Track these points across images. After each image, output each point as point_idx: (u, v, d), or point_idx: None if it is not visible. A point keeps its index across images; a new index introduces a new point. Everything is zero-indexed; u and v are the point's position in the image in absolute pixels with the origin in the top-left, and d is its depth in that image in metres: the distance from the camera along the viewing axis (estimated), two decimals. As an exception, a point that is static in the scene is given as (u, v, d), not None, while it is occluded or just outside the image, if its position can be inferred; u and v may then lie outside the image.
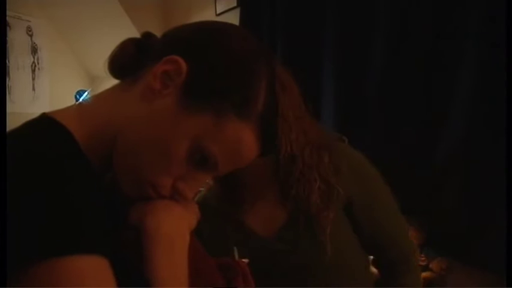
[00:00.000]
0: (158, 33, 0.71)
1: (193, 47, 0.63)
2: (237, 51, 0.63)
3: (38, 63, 2.98)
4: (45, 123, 0.60)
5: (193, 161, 0.62)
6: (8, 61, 2.74)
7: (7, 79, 2.71)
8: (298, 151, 1.06)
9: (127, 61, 0.66)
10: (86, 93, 3.00)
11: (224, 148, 0.62)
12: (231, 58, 0.62)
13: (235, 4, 2.57)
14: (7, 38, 2.67)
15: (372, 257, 1.14)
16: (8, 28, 2.70)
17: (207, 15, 2.68)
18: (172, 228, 0.63)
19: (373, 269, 1.16)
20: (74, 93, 2.98)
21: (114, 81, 0.69)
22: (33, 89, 2.96)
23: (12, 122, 0.62)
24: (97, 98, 0.67)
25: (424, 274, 1.66)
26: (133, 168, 0.62)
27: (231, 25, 0.72)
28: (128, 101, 0.63)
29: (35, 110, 2.86)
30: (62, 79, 3.12)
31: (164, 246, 0.61)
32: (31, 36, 2.92)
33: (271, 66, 0.66)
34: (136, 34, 0.71)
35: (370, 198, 1.08)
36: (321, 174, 1.06)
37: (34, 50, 2.95)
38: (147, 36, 0.69)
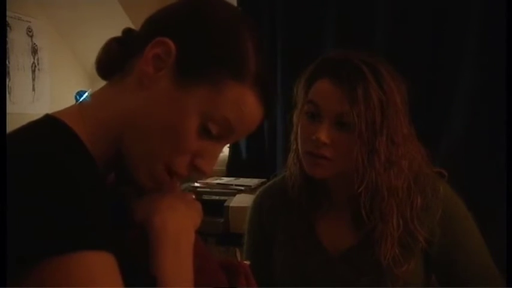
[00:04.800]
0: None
1: (175, 25, 0.64)
2: (218, 18, 0.65)
3: (38, 64, 2.97)
4: (51, 124, 0.61)
5: (205, 133, 0.63)
6: (8, 62, 2.73)
7: (7, 80, 2.71)
8: (384, 185, 0.95)
9: (113, 60, 0.67)
10: (86, 93, 2.99)
11: (230, 112, 0.63)
12: (214, 25, 0.64)
13: (235, 5, 2.57)
14: (7, 39, 2.67)
15: None
16: (8, 29, 2.69)
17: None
18: (178, 227, 0.64)
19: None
20: (74, 94, 2.98)
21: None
22: (34, 89, 2.95)
23: (13, 123, 0.63)
24: (95, 98, 0.69)
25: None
26: (147, 156, 0.63)
27: None
28: (126, 94, 0.64)
29: (35, 110, 2.85)
30: (62, 80, 3.11)
31: (170, 244, 0.62)
32: (31, 37, 2.92)
33: (251, 26, 0.68)
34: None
35: (451, 240, 1.00)
36: (406, 220, 0.96)
37: (34, 51, 2.95)
38: (127, 31, 0.70)
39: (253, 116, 0.66)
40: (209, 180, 2.15)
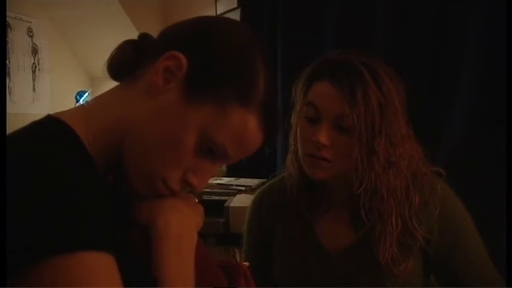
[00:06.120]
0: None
1: (191, 41, 0.65)
2: (233, 41, 0.65)
3: (38, 64, 2.98)
4: (52, 124, 0.61)
5: (201, 152, 0.63)
6: (9, 62, 2.74)
7: (8, 80, 2.72)
8: (383, 186, 0.95)
9: (126, 62, 0.67)
10: (86, 94, 3.00)
11: (230, 136, 0.63)
12: (229, 48, 0.64)
13: (235, 5, 2.57)
14: (8, 39, 2.68)
15: None
16: (8, 29, 2.70)
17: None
18: (181, 228, 0.65)
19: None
20: (74, 94, 2.98)
21: (115, 82, 0.70)
22: (34, 89, 2.96)
23: (13, 123, 0.63)
24: (99, 100, 0.68)
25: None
26: (144, 165, 0.63)
27: (225, 18, 0.74)
28: (132, 100, 0.64)
29: (35, 110, 2.86)
30: (63, 80, 3.12)
31: (173, 245, 0.63)
32: (32, 37, 2.92)
33: (265, 54, 0.68)
34: (136, 35, 0.72)
35: (448, 239, 0.99)
36: (404, 219, 0.97)
37: (35, 51, 2.95)
38: (143, 36, 0.70)
39: (252, 141, 0.66)
40: (209, 181, 2.15)
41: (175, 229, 0.64)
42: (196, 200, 0.73)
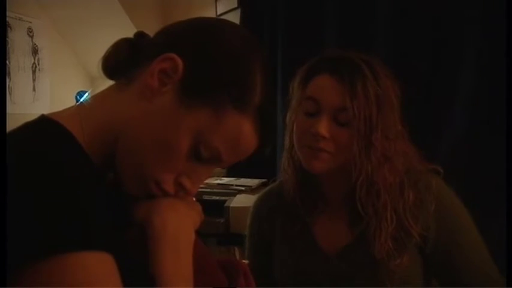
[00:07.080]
0: (158, 33, 0.71)
1: (188, 43, 0.64)
2: (231, 45, 0.65)
3: (38, 64, 2.98)
4: (45, 124, 0.60)
5: (195, 155, 0.63)
6: (9, 62, 2.74)
7: (8, 80, 2.72)
8: (379, 180, 0.97)
9: (121, 61, 0.67)
10: (87, 94, 3.00)
11: (225, 141, 0.63)
12: (226, 52, 0.64)
13: (235, 5, 2.57)
14: (8, 39, 2.68)
15: None
16: (8, 29, 2.70)
17: (208, 15, 2.68)
18: (178, 227, 0.64)
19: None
20: (75, 94, 2.98)
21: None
22: (34, 89, 2.96)
23: (13, 123, 0.63)
24: (95, 99, 0.68)
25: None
26: (137, 166, 0.63)
27: (223, 20, 0.74)
28: (127, 101, 0.64)
29: (35, 110, 2.86)
30: (63, 80, 3.12)
31: (170, 244, 0.62)
32: (32, 37, 2.92)
33: (263, 57, 0.67)
34: (137, 35, 0.71)
35: (446, 236, 1.00)
36: (399, 214, 0.98)
37: (35, 51, 2.95)
38: (140, 35, 0.70)
39: (246, 146, 0.66)
40: (209, 181, 2.15)
41: (172, 228, 0.63)
42: (194, 199, 0.73)
